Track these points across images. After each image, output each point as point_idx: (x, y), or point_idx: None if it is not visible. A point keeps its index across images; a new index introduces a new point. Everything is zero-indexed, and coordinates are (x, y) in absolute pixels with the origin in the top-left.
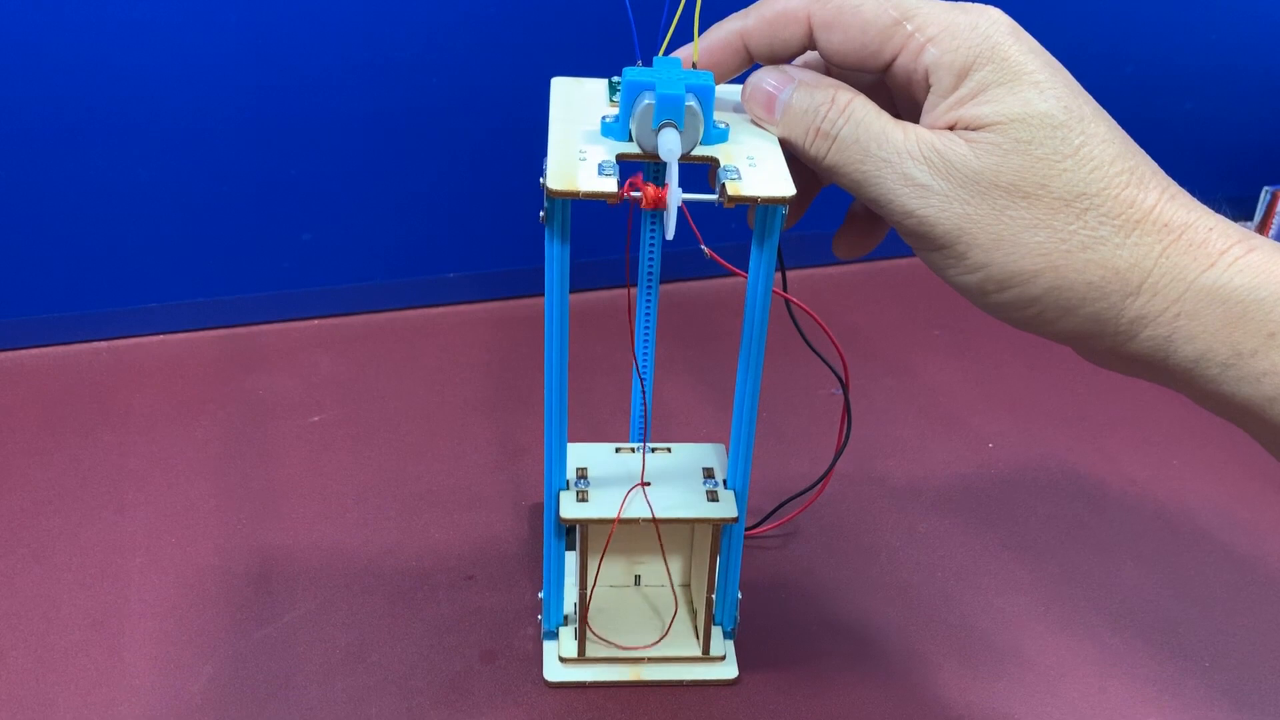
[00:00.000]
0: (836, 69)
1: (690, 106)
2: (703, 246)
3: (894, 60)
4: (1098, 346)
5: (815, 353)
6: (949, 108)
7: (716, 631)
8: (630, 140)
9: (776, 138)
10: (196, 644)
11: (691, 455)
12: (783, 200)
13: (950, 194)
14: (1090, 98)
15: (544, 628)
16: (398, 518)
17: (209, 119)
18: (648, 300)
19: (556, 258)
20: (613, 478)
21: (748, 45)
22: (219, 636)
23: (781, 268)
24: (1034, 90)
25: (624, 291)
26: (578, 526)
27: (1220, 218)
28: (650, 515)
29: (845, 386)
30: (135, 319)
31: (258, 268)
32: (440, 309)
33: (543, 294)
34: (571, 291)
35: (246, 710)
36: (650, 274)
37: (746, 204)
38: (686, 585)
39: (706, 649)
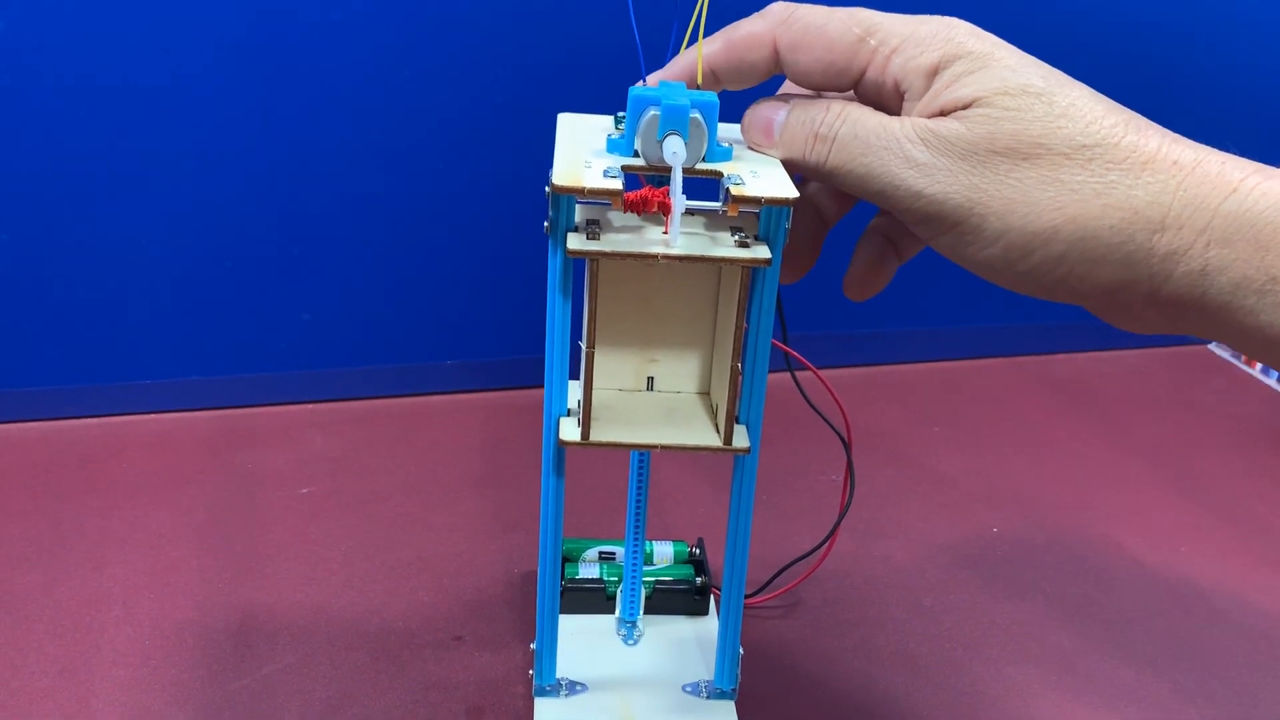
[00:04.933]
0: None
1: (695, 118)
2: None
3: (862, 75)
4: (1132, 298)
5: (813, 407)
6: (927, 103)
7: (740, 430)
8: (635, 156)
9: (779, 162)
10: (168, 694)
11: (723, 220)
12: (786, 201)
13: (953, 168)
14: (1065, 74)
15: (535, 683)
16: (385, 580)
17: (212, 196)
18: None
19: (559, 270)
20: (627, 224)
21: (714, 70)
22: (192, 687)
23: (781, 315)
24: (1007, 70)
25: None
26: (587, 263)
27: (1228, 154)
28: (672, 252)
29: (848, 445)
30: (128, 396)
31: (255, 347)
32: (437, 397)
33: (540, 386)
34: None
35: None
36: None
37: (750, 209)
38: (705, 394)
39: (729, 439)
